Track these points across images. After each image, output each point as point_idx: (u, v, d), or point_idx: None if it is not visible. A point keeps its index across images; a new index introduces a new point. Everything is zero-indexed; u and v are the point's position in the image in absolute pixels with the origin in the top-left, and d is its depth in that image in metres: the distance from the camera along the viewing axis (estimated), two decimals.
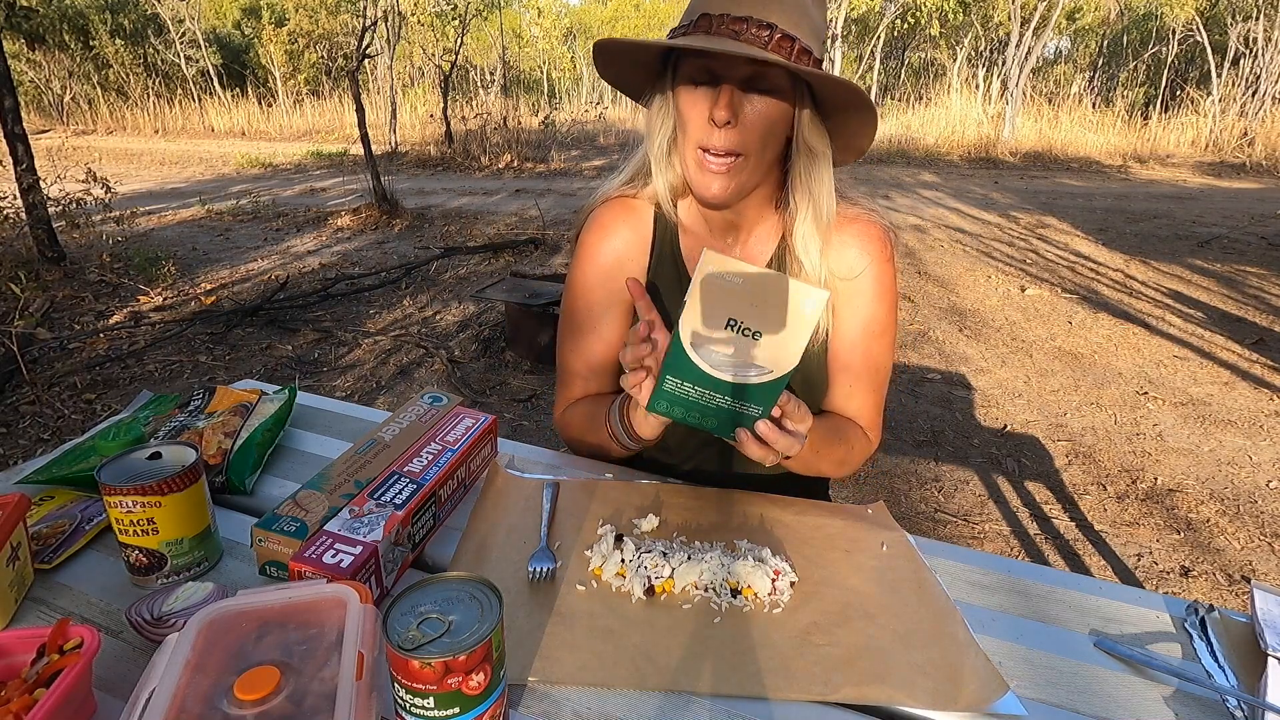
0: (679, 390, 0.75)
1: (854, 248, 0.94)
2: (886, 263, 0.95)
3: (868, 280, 0.94)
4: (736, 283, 0.72)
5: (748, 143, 0.82)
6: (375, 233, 6.07)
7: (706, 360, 0.73)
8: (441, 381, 3.28)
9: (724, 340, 0.73)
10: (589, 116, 12.91)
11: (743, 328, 0.72)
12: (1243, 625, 0.73)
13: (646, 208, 0.99)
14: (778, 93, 0.82)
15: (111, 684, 0.62)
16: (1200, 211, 6.75)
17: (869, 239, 0.95)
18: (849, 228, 0.94)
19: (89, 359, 3.47)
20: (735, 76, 0.81)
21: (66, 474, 0.89)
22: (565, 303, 1.04)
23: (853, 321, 0.96)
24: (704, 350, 0.73)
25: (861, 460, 0.99)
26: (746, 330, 0.72)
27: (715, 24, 0.79)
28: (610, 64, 0.90)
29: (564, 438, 1.08)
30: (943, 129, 11.09)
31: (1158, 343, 3.76)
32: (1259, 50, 10.47)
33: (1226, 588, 2.02)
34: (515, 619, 0.69)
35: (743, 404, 0.74)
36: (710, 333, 0.73)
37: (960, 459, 2.67)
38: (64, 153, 10.20)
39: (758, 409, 0.74)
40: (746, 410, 0.75)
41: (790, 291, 0.72)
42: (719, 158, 0.83)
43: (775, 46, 0.78)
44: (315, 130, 13.54)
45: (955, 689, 0.64)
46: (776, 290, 0.72)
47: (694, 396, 0.75)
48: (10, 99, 4.54)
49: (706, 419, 0.76)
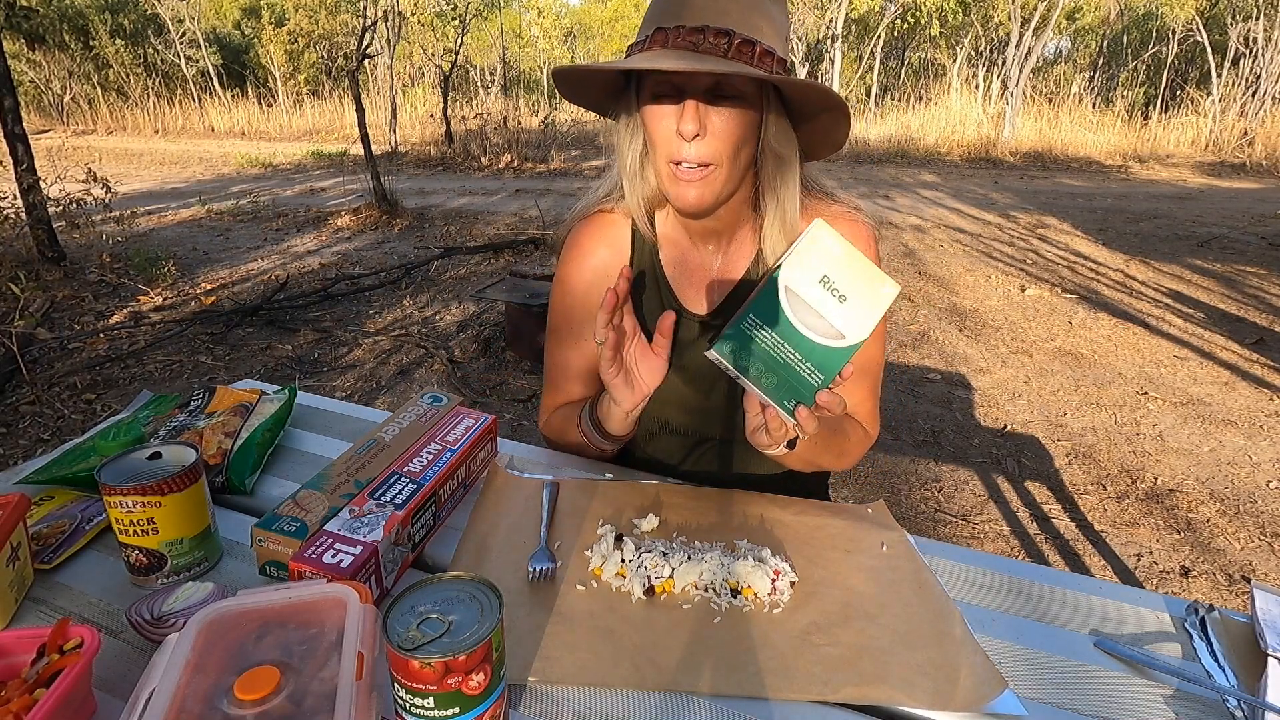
0: (754, 333, 0.74)
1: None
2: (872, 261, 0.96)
3: None
4: (836, 250, 0.76)
5: (719, 151, 0.82)
6: (375, 233, 6.07)
7: (793, 308, 0.75)
8: (441, 381, 3.28)
9: (815, 295, 0.75)
10: (589, 116, 12.91)
11: (833, 287, 0.75)
12: (1243, 625, 0.73)
13: (624, 222, 0.99)
14: (743, 99, 0.81)
15: (111, 684, 0.62)
16: (1200, 211, 6.75)
17: (854, 237, 0.94)
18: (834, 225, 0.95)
19: (89, 359, 3.47)
20: (699, 87, 0.80)
21: (66, 474, 0.89)
22: (550, 317, 1.05)
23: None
24: (794, 300, 0.75)
25: (860, 452, 0.99)
26: (835, 290, 0.75)
27: (671, 37, 0.78)
28: (572, 89, 0.90)
29: (547, 441, 1.09)
30: (943, 129, 11.08)
31: (1158, 343, 3.76)
32: (1259, 50, 10.47)
33: (1226, 588, 2.02)
34: (515, 619, 0.69)
35: (810, 366, 0.74)
36: (805, 283, 0.75)
37: (960, 459, 2.67)
38: (64, 153, 10.20)
39: (821, 377, 0.74)
40: (809, 376, 0.74)
41: (873, 272, 0.77)
42: (691, 168, 0.83)
43: (735, 53, 0.76)
44: (315, 130, 13.55)
45: (954, 688, 0.64)
46: (864, 267, 0.77)
47: (767, 345, 0.74)
48: (10, 99, 4.55)
49: (768, 375, 0.74)
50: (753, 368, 0.74)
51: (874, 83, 13.79)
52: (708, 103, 0.80)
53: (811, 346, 0.74)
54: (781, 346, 0.74)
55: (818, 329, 0.75)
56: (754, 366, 0.74)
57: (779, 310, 0.74)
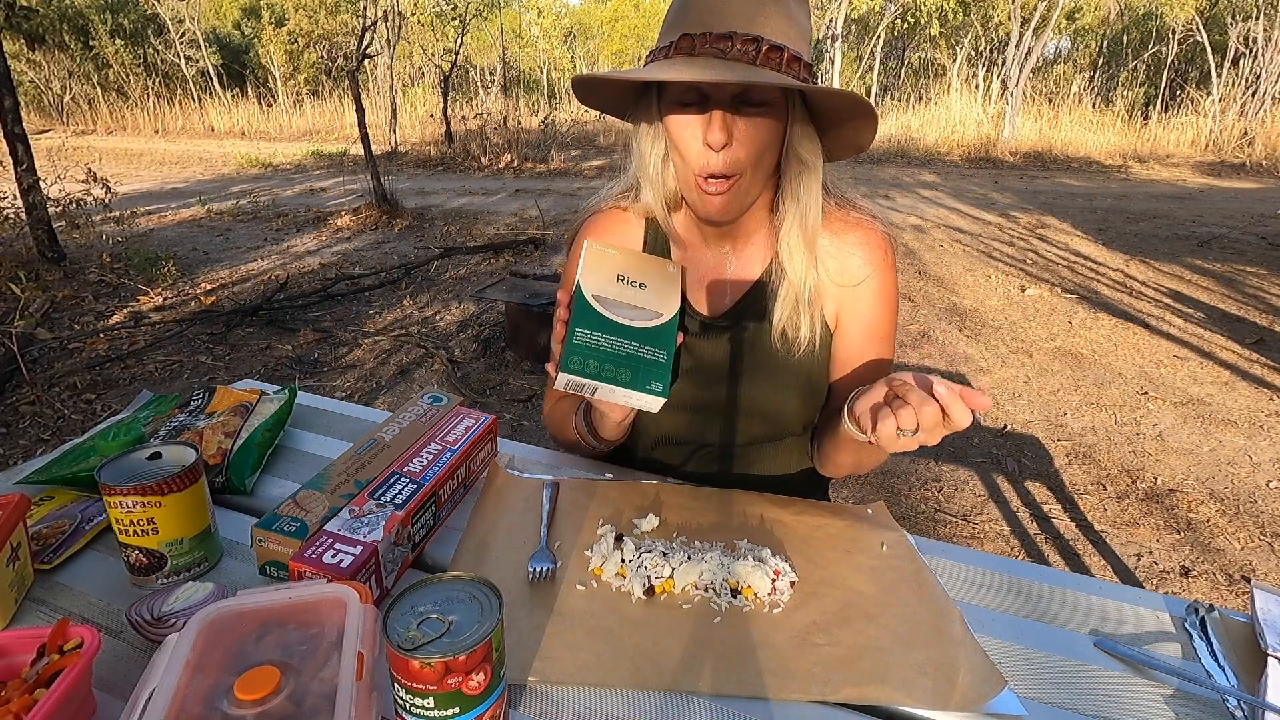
0: (588, 341, 0.80)
1: (858, 256, 0.93)
2: (889, 270, 0.95)
3: (870, 287, 0.94)
4: (614, 253, 0.87)
5: (745, 160, 0.81)
6: (375, 233, 6.07)
7: (608, 310, 0.82)
8: (441, 381, 3.28)
9: (617, 291, 0.84)
10: (589, 116, 12.92)
11: (629, 280, 0.86)
12: (1243, 625, 0.73)
13: (637, 220, 0.99)
14: (770, 105, 0.80)
15: (111, 684, 0.62)
16: (1200, 211, 6.75)
17: (872, 247, 0.94)
18: (851, 233, 0.94)
19: (89, 359, 3.47)
20: (725, 95, 0.79)
21: (66, 474, 0.89)
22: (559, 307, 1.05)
23: (856, 327, 0.95)
24: (604, 301, 0.83)
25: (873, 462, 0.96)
26: (633, 282, 0.85)
27: (698, 44, 0.77)
28: (591, 94, 0.89)
29: (549, 431, 1.11)
30: (943, 129, 11.08)
31: (1158, 343, 3.76)
32: (1259, 50, 10.47)
33: (1226, 588, 2.02)
34: (515, 619, 0.69)
35: (646, 348, 0.81)
36: (605, 285, 0.84)
37: (960, 459, 2.67)
38: (64, 153, 10.20)
39: (662, 352, 0.82)
40: (652, 356, 0.81)
41: (654, 259, 0.90)
42: (718, 179, 0.82)
43: (764, 59, 0.75)
44: (315, 130, 13.54)
45: (953, 688, 0.64)
46: (646, 258, 0.90)
47: (603, 346, 0.80)
48: (10, 99, 4.55)
49: (620, 370, 0.79)
50: (604, 371, 0.79)
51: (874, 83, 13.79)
52: (733, 110, 0.79)
53: (639, 332, 0.82)
54: (617, 342, 0.81)
55: (637, 317, 0.83)
56: (604, 370, 0.79)
57: (598, 315, 0.82)
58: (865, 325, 0.95)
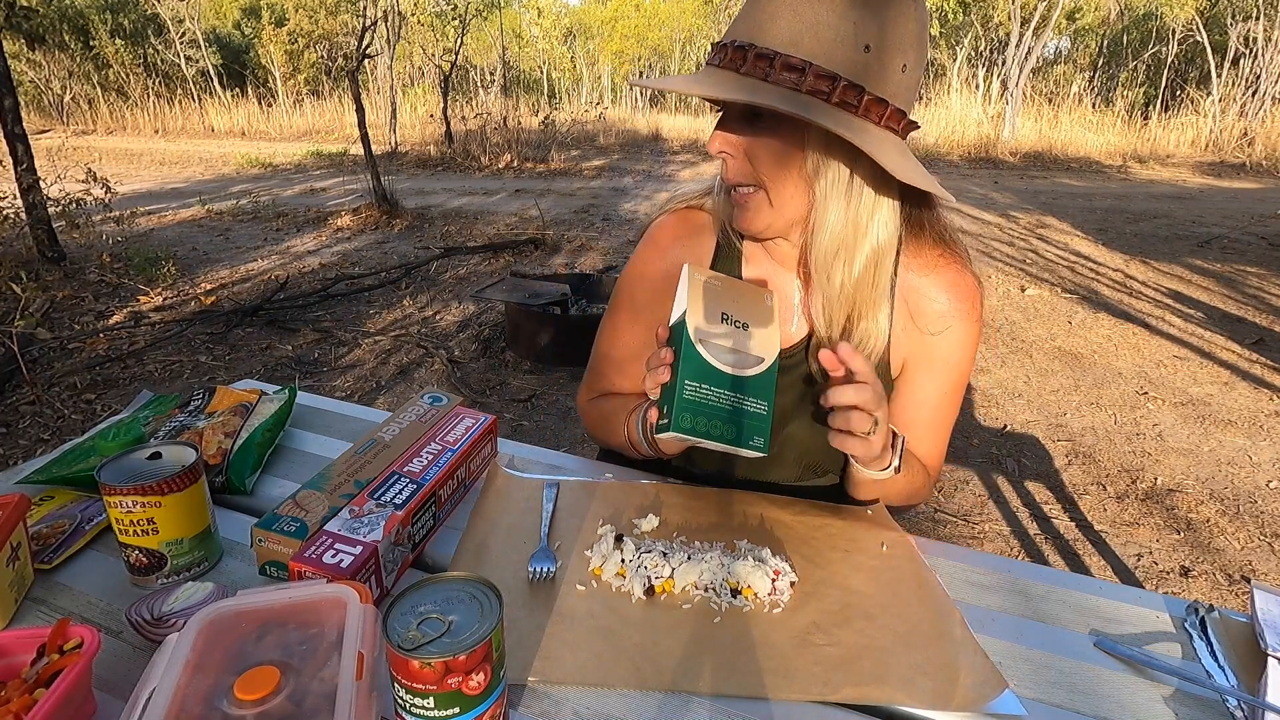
0: (697, 395, 0.74)
1: (943, 302, 0.87)
2: (975, 323, 0.88)
3: (953, 338, 0.88)
4: (716, 285, 0.80)
5: (757, 174, 0.79)
6: (375, 233, 6.07)
7: (711, 354, 0.75)
8: (441, 381, 3.28)
9: (723, 334, 0.77)
10: (589, 116, 12.92)
11: (733, 320, 0.78)
12: (1243, 625, 0.73)
13: (713, 224, 0.95)
14: (783, 123, 0.76)
15: (111, 684, 0.62)
16: (1200, 211, 6.75)
17: (961, 297, 0.87)
18: (942, 274, 0.87)
19: (89, 359, 3.47)
20: (735, 108, 0.78)
21: (66, 474, 0.89)
22: (614, 294, 1.03)
23: (930, 378, 0.90)
24: (710, 348, 0.76)
25: (926, 493, 0.95)
26: (737, 322, 0.78)
27: (722, 55, 0.75)
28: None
29: (585, 426, 1.08)
30: (943, 129, 11.08)
31: (1158, 343, 3.76)
32: (1259, 50, 10.47)
33: (1226, 588, 2.02)
34: (515, 619, 0.69)
35: (749, 400, 0.76)
36: (711, 327, 0.77)
37: (960, 459, 2.67)
38: (64, 153, 10.19)
39: (763, 404, 0.76)
40: (754, 408, 0.76)
41: (750, 288, 0.83)
42: (737, 189, 0.81)
43: (777, 77, 0.71)
44: (315, 130, 13.54)
45: (953, 688, 0.64)
46: (744, 288, 0.82)
47: (710, 400, 0.74)
48: (10, 99, 4.55)
49: (727, 427, 0.74)
50: (712, 428, 0.74)
51: None
52: (746, 123, 0.78)
53: (743, 382, 0.76)
54: (723, 395, 0.75)
55: (740, 364, 0.77)
56: (713, 427, 0.74)
57: (704, 363, 0.75)
58: (941, 376, 0.90)
